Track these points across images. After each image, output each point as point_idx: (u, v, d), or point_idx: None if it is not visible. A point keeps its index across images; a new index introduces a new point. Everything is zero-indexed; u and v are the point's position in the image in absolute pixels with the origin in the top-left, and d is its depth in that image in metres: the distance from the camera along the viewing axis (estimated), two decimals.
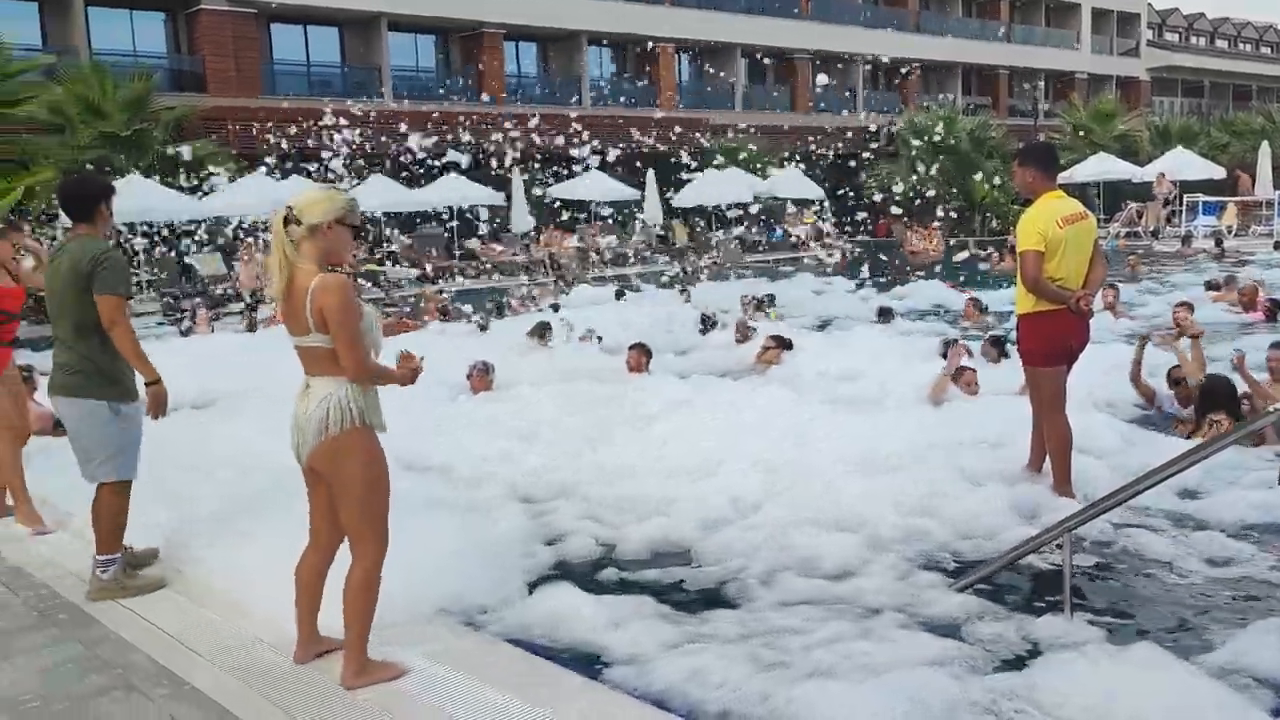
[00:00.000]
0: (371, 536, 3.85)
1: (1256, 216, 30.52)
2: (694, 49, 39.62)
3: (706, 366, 10.64)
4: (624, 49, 39.03)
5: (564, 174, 25.52)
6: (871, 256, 22.75)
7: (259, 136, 22.22)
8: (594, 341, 11.79)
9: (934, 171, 30.36)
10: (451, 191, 25.17)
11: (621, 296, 16.99)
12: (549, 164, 25.27)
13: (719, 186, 29.07)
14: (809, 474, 6.51)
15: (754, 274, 22.31)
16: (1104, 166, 32.26)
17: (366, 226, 4.16)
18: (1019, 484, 6.19)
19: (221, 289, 20.16)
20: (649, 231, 28.90)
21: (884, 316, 13.81)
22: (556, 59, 37.08)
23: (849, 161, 32.48)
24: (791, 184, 30.88)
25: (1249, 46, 68.17)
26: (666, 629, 4.55)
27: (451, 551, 5.04)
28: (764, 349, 10.55)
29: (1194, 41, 65.29)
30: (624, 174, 28.23)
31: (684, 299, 16.13)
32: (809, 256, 26.75)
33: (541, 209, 27.86)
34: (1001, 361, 9.28)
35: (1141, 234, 29.17)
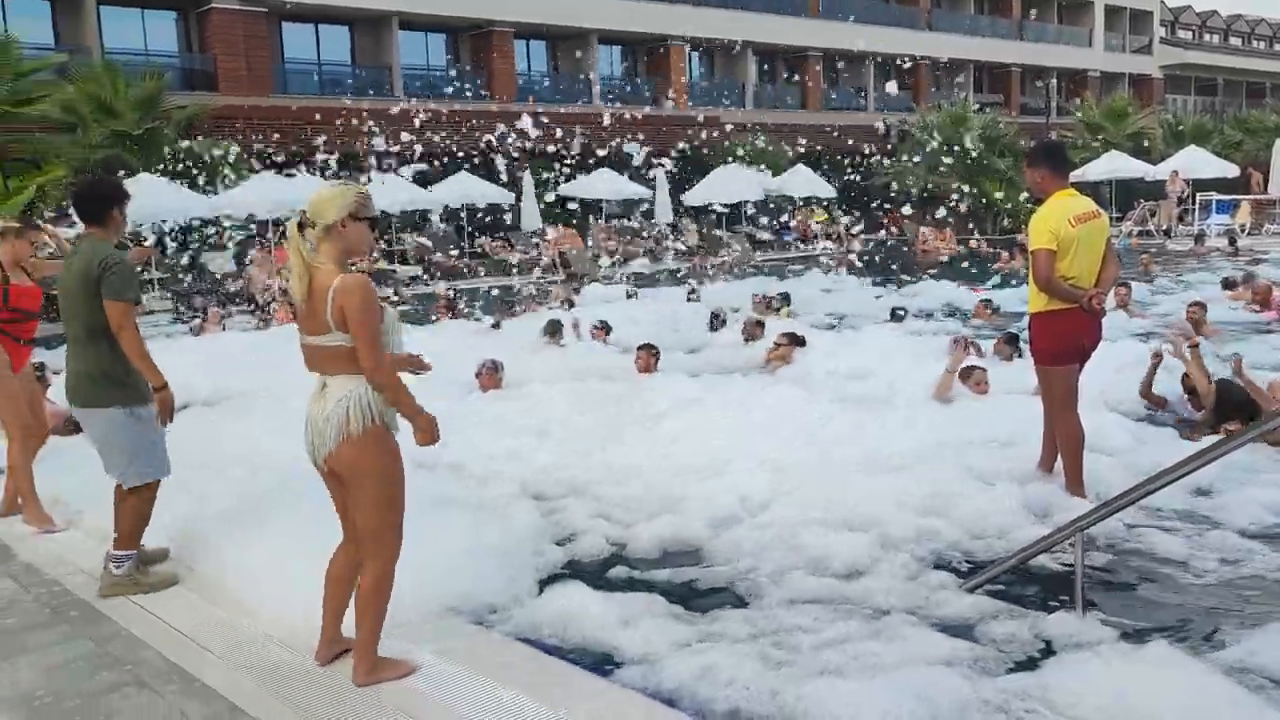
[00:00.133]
0: (388, 537, 3.85)
1: (1270, 215, 30.31)
2: (705, 47, 39.60)
3: (717, 365, 10.62)
4: (634, 47, 39.02)
5: (572, 173, 25.55)
6: (882, 255, 22.69)
7: (270, 135, 22.31)
8: (605, 336, 11.80)
9: (944, 169, 30.27)
10: (461, 190, 25.19)
11: (632, 296, 17.00)
12: (559, 161, 25.24)
13: (729, 185, 29.04)
14: (819, 473, 6.49)
15: (765, 272, 22.26)
16: (1116, 165, 32.12)
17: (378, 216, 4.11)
18: (1031, 483, 6.16)
19: (233, 288, 20.20)
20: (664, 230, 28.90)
21: (897, 316, 13.77)
22: (566, 57, 37.08)
23: (860, 160, 32.42)
24: (802, 182, 30.84)
25: (1262, 44, 67.81)
26: (677, 627, 4.54)
27: (461, 550, 5.03)
28: (776, 346, 10.52)
29: (1207, 39, 64.97)
30: (635, 172, 28.21)
31: (694, 298, 16.09)
32: (820, 255, 26.69)
33: (550, 207, 27.87)
34: (1015, 360, 9.23)
35: (1154, 232, 29.04)
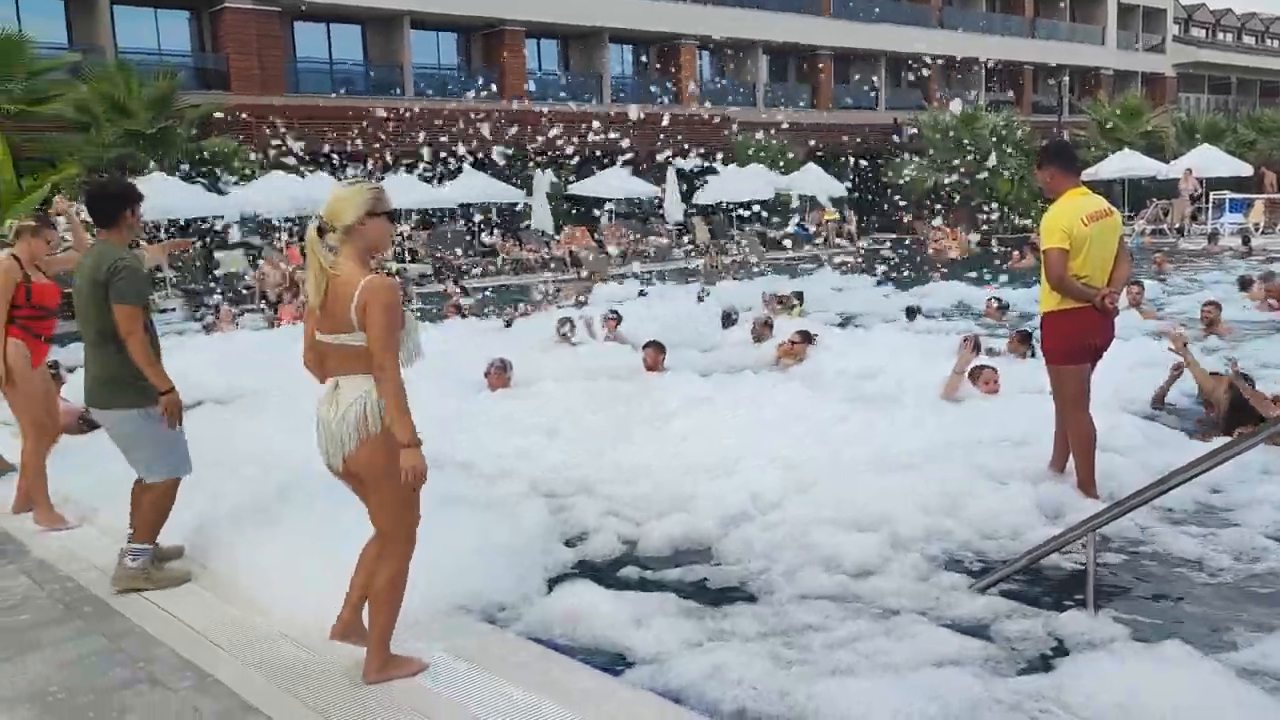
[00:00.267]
0: (403, 535, 3.85)
1: None
2: (716, 46, 39.56)
3: (728, 364, 10.62)
4: (646, 46, 39.00)
5: (584, 171, 25.57)
6: (893, 254, 22.65)
7: (282, 134, 22.34)
8: (616, 326, 11.81)
9: (956, 168, 30.21)
10: (472, 189, 25.22)
11: (644, 295, 17.00)
12: (571, 160, 25.29)
13: (739, 184, 29.01)
14: (830, 472, 6.49)
15: (775, 270, 22.24)
16: (1128, 163, 32.02)
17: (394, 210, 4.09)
18: (1042, 483, 6.14)
19: (245, 288, 20.27)
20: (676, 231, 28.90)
21: (911, 315, 13.75)
22: (578, 56, 37.08)
23: (871, 158, 32.35)
24: (813, 181, 30.80)
25: (1276, 42, 67.39)
26: (688, 626, 4.55)
27: (471, 548, 5.04)
28: (790, 343, 10.50)
29: (1221, 37, 64.63)
30: (645, 171, 28.22)
31: (704, 297, 16.08)
32: (830, 253, 26.66)
33: (562, 206, 27.90)
34: (1028, 358, 9.21)
35: (1167, 231, 28.92)
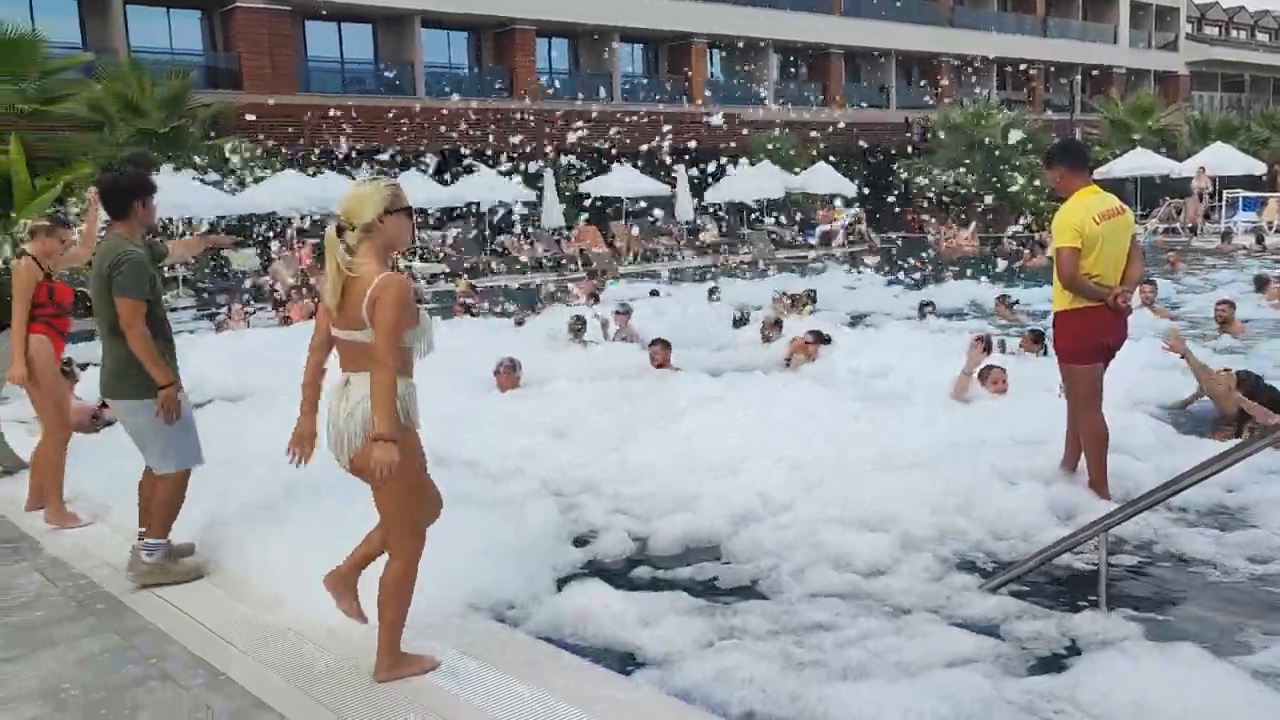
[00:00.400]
0: (409, 533, 3.86)
1: None
2: (726, 45, 39.53)
3: (739, 363, 10.61)
4: (656, 45, 38.98)
5: (596, 170, 25.57)
6: (905, 253, 22.62)
7: (294, 133, 22.43)
8: (627, 321, 11.81)
9: (967, 167, 30.12)
10: (483, 188, 25.24)
11: (656, 294, 17.00)
12: (583, 159, 25.28)
13: (751, 183, 28.97)
14: (838, 471, 6.47)
15: (786, 270, 22.22)
16: (1141, 162, 31.88)
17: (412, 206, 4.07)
18: (1055, 483, 6.11)
19: (255, 285, 20.32)
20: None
21: (925, 311, 13.72)
22: (588, 55, 37.09)
23: (881, 157, 32.27)
24: (824, 180, 30.74)
25: None
26: (698, 625, 4.54)
27: (481, 548, 5.04)
28: (804, 343, 10.48)
29: (1234, 35, 64.31)
30: (655, 170, 28.21)
31: (716, 297, 16.08)
32: (842, 252, 26.61)
33: (572, 205, 27.91)
34: (1040, 357, 9.18)
35: (1180, 230, 28.78)
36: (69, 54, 23.11)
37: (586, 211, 27.06)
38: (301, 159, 20.97)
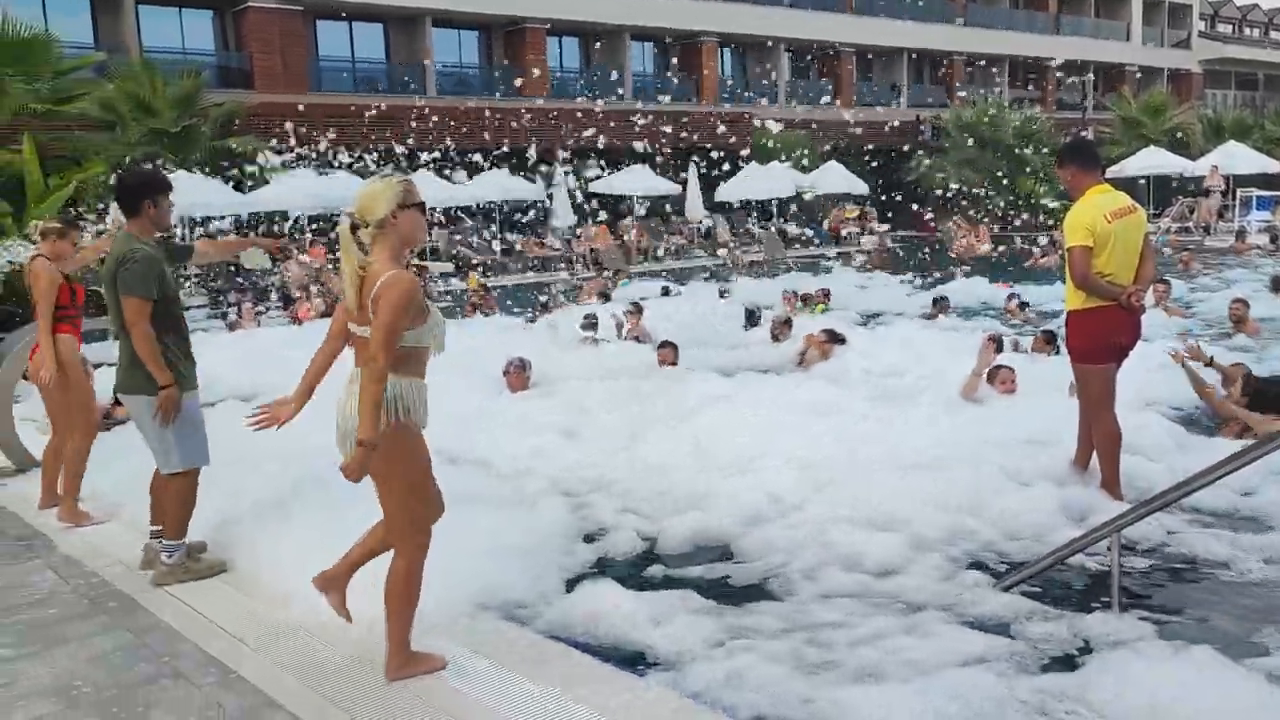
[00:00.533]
0: (410, 529, 3.86)
1: None
2: (737, 43, 39.46)
3: (751, 362, 10.60)
4: (667, 44, 38.95)
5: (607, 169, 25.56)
6: (916, 252, 22.56)
7: (306, 132, 22.45)
8: (639, 319, 11.80)
9: (979, 165, 30.02)
10: (494, 187, 25.26)
11: (668, 293, 17.00)
12: (596, 158, 25.25)
13: (762, 182, 28.93)
14: (848, 471, 6.45)
15: (797, 269, 22.19)
16: (1153, 160, 31.71)
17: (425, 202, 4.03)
18: (1067, 483, 6.09)
19: (266, 284, 20.38)
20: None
21: (939, 305, 13.68)
22: (599, 54, 37.08)
23: (893, 155, 32.19)
24: (835, 179, 30.67)
25: None
26: (709, 624, 4.54)
27: (491, 547, 5.05)
28: (819, 342, 10.45)
29: (1248, 33, 63.95)
30: (666, 169, 28.19)
31: (726, 296, 16.06)
32: (853, 251, 26.56)
33: (582, 204, 27.92)
34: (1053, 357, 9.14)
35: (1193, 229, 28.64)
36: (81, 53, 23.21)
37: (598, 211, 27.10)
38: (318, 158, 20.99)
